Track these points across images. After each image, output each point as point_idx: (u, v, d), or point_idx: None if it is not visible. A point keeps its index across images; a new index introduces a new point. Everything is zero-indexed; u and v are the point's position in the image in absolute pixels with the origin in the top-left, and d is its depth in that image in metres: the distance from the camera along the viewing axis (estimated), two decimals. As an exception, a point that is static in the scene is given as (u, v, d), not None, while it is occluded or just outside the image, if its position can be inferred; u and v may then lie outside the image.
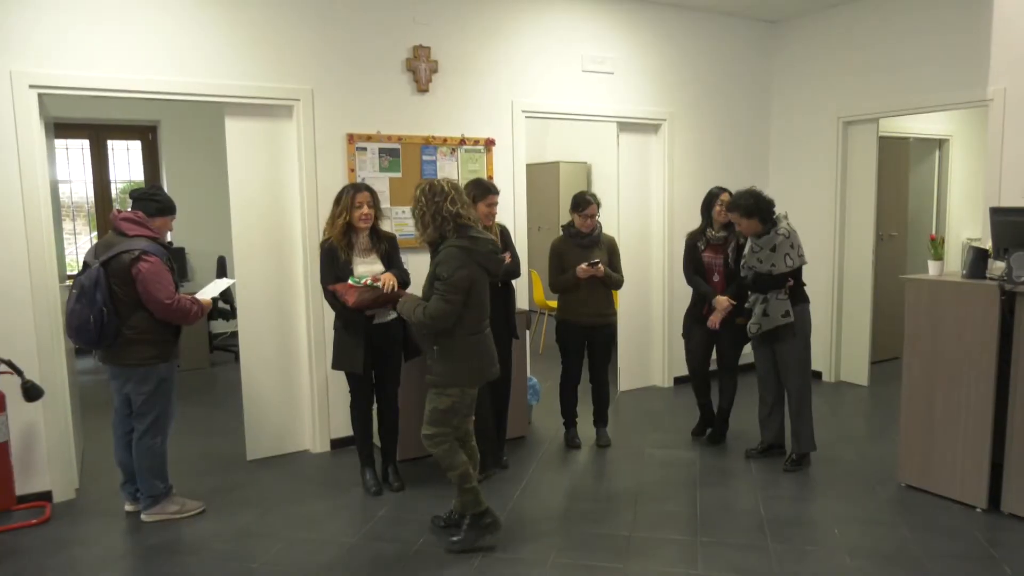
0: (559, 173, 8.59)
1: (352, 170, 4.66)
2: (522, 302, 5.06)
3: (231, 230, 4.45)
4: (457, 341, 3.28)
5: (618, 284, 4.62)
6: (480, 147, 5.10)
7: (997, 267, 3.68)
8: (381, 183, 4.71)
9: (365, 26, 4.68)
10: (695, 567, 3.23)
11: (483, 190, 4.08)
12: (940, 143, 7.57)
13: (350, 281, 3.75)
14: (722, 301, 4.45)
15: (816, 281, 6.10)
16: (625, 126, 5.88)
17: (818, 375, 6.35)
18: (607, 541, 3.49)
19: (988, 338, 3.61)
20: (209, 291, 3.92)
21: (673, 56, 5.99)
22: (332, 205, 3.91)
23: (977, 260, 3.75)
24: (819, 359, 6.31)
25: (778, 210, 4.32)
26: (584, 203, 4.47)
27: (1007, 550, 3.32)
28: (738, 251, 4.48)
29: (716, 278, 4.57)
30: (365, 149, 4.70)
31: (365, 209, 3.82)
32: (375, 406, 4.11)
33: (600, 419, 4.82)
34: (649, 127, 5.99)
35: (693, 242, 4.66)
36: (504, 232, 4.35)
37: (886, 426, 5.02)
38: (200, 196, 7.32)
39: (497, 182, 5.15)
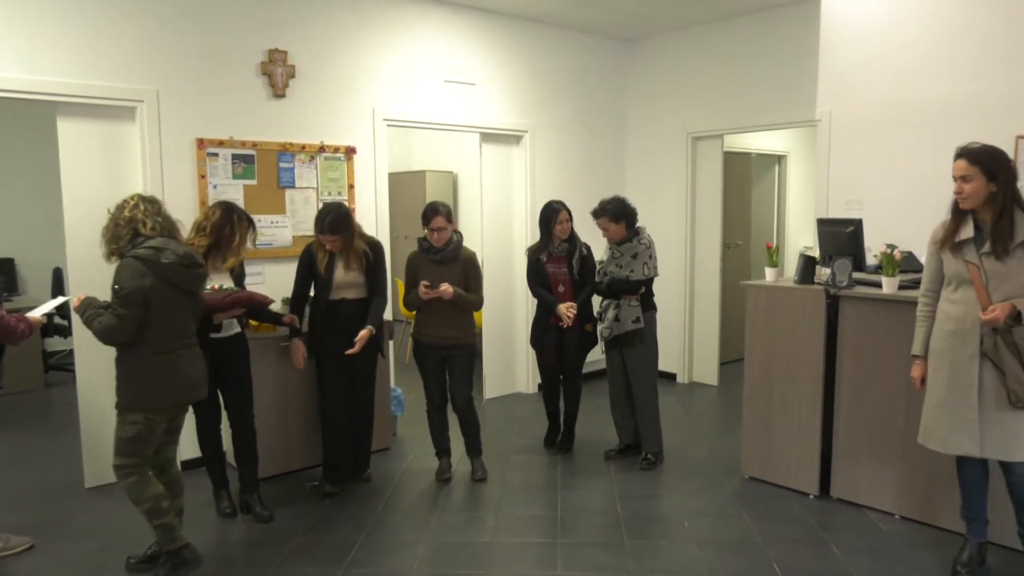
0: (425, 182, 8.58)
1: (203, 177, 4.44)
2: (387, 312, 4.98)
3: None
4: (139, 360, 3.02)
5: (474, 305, 4.23)
6: (340, 155, 5.01)
7: (824, 273, 4.02)
8: (235, 191, 4.53)
9: (216, 26, 4.48)
10: (555, 569, 3.30)
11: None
12: (779, 158, 8.19)
13: None
14: (562, 308, 4.53)
15: (669, 288, 6.44)
16: (487, 137, 5.96)
17: (672, 377, 6.69)
18: (469, 549, 3.50)
19: (816, 338, 3.93)
20: (42, 308, 3.62)
21: (534, 69, 6.14)
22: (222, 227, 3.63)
23: (806, 267, 4.08)
24: (673, 361, 6.65)
25: (641, 223, 4.55)
26: (430, 214, 4.13)
27: (835, 532, 3.62)
28: (582, 263, 4.60)
29: (561, 289, 4.61)
30: (217, 155, 4.50)
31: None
32: (229, 426, 3.91)
33: (471, 448, 4.42)
34: (511, 138, 6.11)
35: (535, 256, 4.68)
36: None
37: (733, 423, 5.34)
38: (32, 203, 6.74)
39: (359, 191, 5.12)
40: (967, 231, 2.99)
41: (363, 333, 3.95)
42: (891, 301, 3.69)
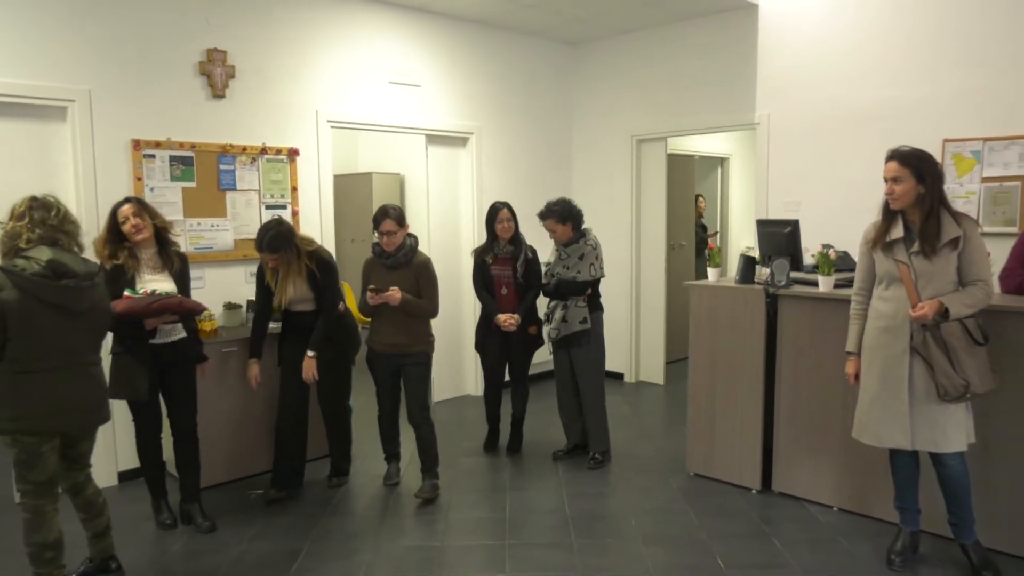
0: (372, 184, 8.50)
1: (139, 179, 4.32)
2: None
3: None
4: (2, 379, 2.76)
5: (425, 312, 4.08)
6: (283, 157, 4.93)
7: (763, 273, 4.12)
8: (173, 193, 4.42)
9: (151, 24, 4.37)
10: (503, 570, 3.31)
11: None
12: (722, 161, 8.37)
13: (127, 292, 3.44)
14: (501, 319, 4.55)
15: (616, 288, 6.51)
16: (433, 139, 5.94)
17: (620, 376, 6.76)
18: (418, 553, 3.48)
19: (757, 336, 4.02)
20: None
21: (480, 71, 6.15)
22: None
23: (747, 267, 4.17)
24: (620, 361, 6.72)
25: (588, 225, 4.60)
26: (380, 218, 3.99)
27: (776, 525, 3.71)
28: (527, 265, 4.62)
29: (504, 291, 4.62)
30: (154, 157, 4.38)
31: (132, 221, 3.48)
32: (171, 437, 3.80)
33: (424, 465, 4.16)
34: (457, 140, 6.10)
35: (481, 258, 4.68)
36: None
37: (679, 421, 5.43)
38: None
39: (302, 193, 5.04)
40: (897, 231, 3.09)
41: (305, 363, 3.99)
42: (827, 299, 3.80)
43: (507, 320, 4.53)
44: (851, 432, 3.63)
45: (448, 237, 6.10)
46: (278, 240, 3.83)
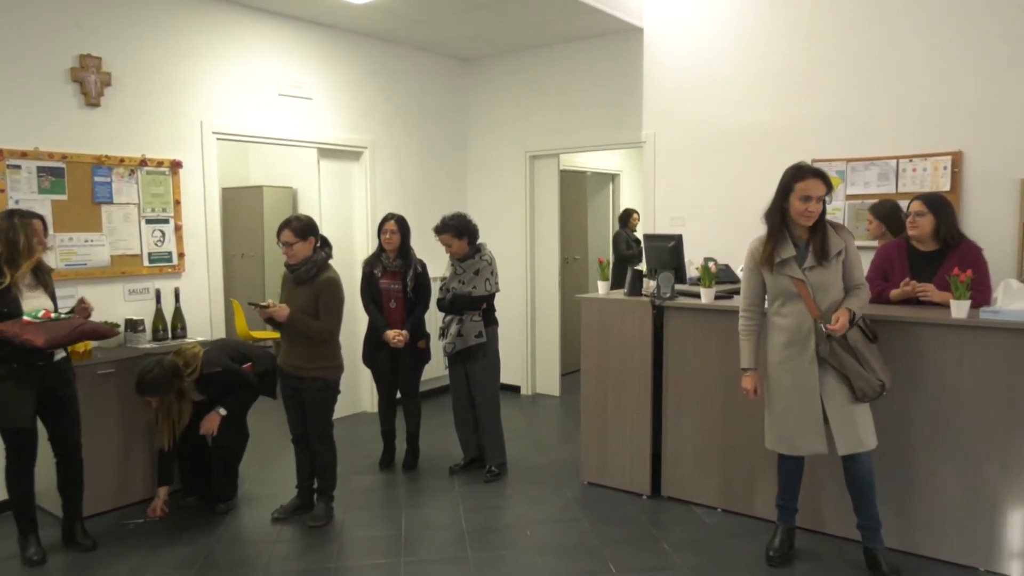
0: (263, 198, 8.26)
1: (2, 191, 4.04)
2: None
3: None
4: None
5: (315, 334, 3.82)
6: (164, 169, 4.73)
7: (650, 285, 4.28)
8: (41, 206, 4.15)
9: (17, 27, 4.11)
10: (398, 588, 3.27)
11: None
12: (613, 177, 8.63)
13: (26, 317, 3.23)
14: (391, 335, 4.55)
15: (511, 302, 6.59)
16: (326, 152, 5.85)
17: (516, 389, 6.84)
18: (310, 576, 3.40)
19: (645, 347, 4.17)
20: None
21: (373, 86, 6.11)
22: None
23: (634, 280, 4.33)
24: (517, 374, 6.80)
25: (483, 240, 4.64)
26: (280, 228, 3.83)
27: (665, 529, 3.84)
28: (416, 279, 4.63)
29: (393, 305, 4.61)
30: (19, 167, 4.11)
31: None
32: (54, 454, 3.59)
33: (319, 488, 4.04)
34: (351, 154, 6.03)
35: (370, 269, 4.65)
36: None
37: (573, 431, 5.53)
38: None
39: (186, 207, 4.86)
40: (788, 250, 3.19)
41: (210, 417, 3.99)
42: (709, 310, 3.98)
43: (396, 337, 4.52)
44: (734, 436, 3.83)
45: (342, 252, 5.95)
46: (156, 386, 3.81)
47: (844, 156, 4.97)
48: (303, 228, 3.83)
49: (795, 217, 3.18)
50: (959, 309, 3.28)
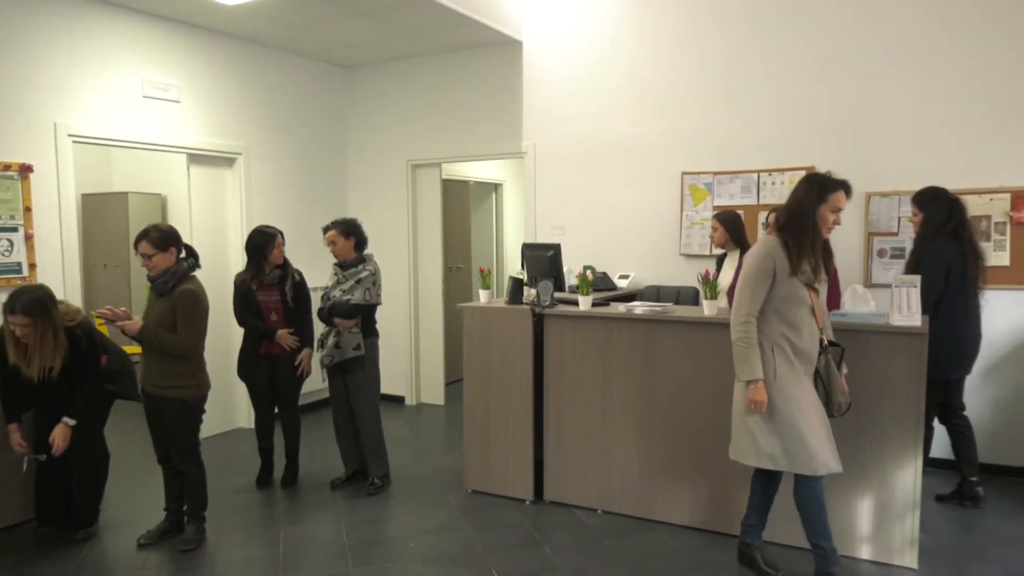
0: (128, 205, 7.81)
1: None
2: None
3: None
4: None
5: (170, 349, 3.56)
6: (13, 173, 4.38)
7: (531, 293, 4.36)
8: None
9: None
10: (275, 609, 3.16)
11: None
12: (496, 187, 8.71)
13: None
14: (282, 333, 4.46)
15: (395, 312, 6.54)
16: (196, 158, 5.60)
17: (400, 399, 6.77)
18: (179, 603, 3.23)
19: (526, 354, 4.23)
20: None
21: (247, 90, 5.91)
22: None
23: (515, 288, 4.39)
24: (400, 384, 6.74)
25: (368, 251, 4.58)
26: (137, 240, 3.61)
27: (547, 533, 3.91)
28: (296, 289, 4.52)
29: (275, 317, 4.48)
30: None
31: None
32: None
33: (188, 510, 3.83)
34: (223, 160, 5.80)
35: (246, 284, 4.48)
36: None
37: (457, 440, 5.54)
38: None
39: (38, 215, 4.53)
40: (805, 264, 3.07)
41: (58, 431, 3.63)
42: (588, 317, 4.09)
43: (285, 336, 4.43)
44: (613, 437, 3.94)
45: (214, 262, 5.73)
46: (32, 304, 3.46)
47: (711, 169, 5.25)
48: (162, 238, 3.62)
49: (821, 227, 3.06)
50: (812, 312, 3.52)
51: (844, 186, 3.06)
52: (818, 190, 3.05)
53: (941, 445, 4.29)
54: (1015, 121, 4.40)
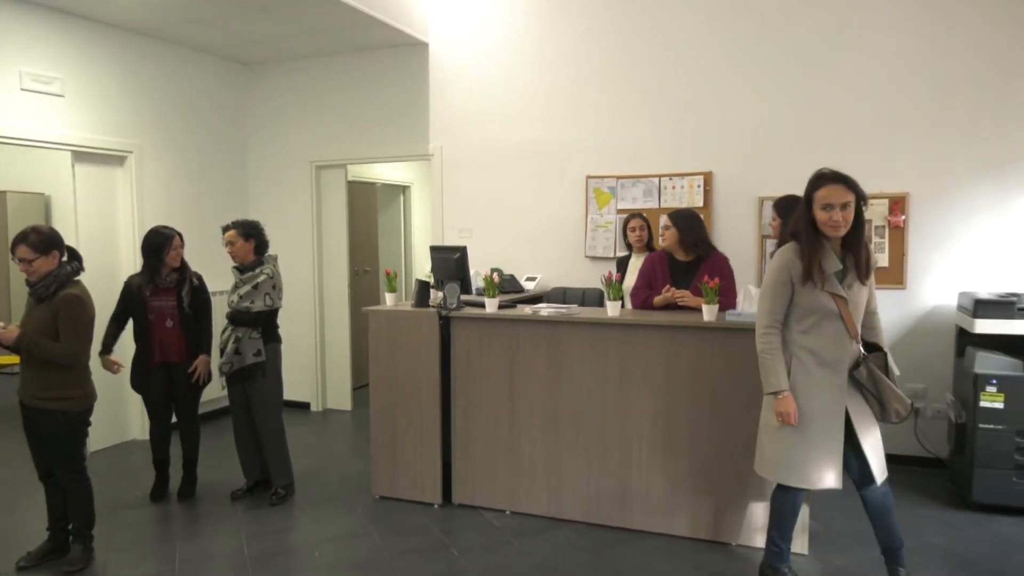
0: (7, 205, 7.32)
1: None
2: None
3: None
4: None
5: (53, 358, 3.35)
6: None
7: (437, 296, 4.34)
8: None
9: None
10: (170, 628, 3.02)
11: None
12: (404, 189, 8.63)
13: None
14: (202, 363, 4.33)
15: (299, 316, 6.38)
16: (82, 156, 5.29)
17: (306, 406, 6.61)
18: (64, 627, 3.04)
19: (432, 356, 4.21)
20: None
21: (139, 85, 5.64)
22: None
23: (421, 291, 4.36)
24: (305, 390, 6.58)
25: (269, 252, 4.46)
26: (14, 243, 3.38)
27: (455, 536, 3.90)
28: (193, 294, 4.36)
29: (170, 324, 4.29)
30: None
31: None
32: None
33: (74, 529, 3.61)
34: (113, 159, 5.51)
35: (138, 289, 4.25)
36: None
37: (365, 446, 5.45)
38: None
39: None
40: (834, 263, 2.89)
41: None
42: (494, 319, 4.11)
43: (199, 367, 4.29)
44: (520, 439, 3.97)
45: (103, 265, 5.45)
46: None
47: (615, 173, 5.38)
48: (43, 242, 3.39)
49: (822, 229, 2.87)
50: (709, 313, 3.66)
51: (837, 179, 2.84)
52: (806, 192, 2.92)
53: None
54: (894, 130, 4.70)
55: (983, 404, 3.98)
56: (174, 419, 4.48)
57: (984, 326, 4.00)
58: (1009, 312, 3.98)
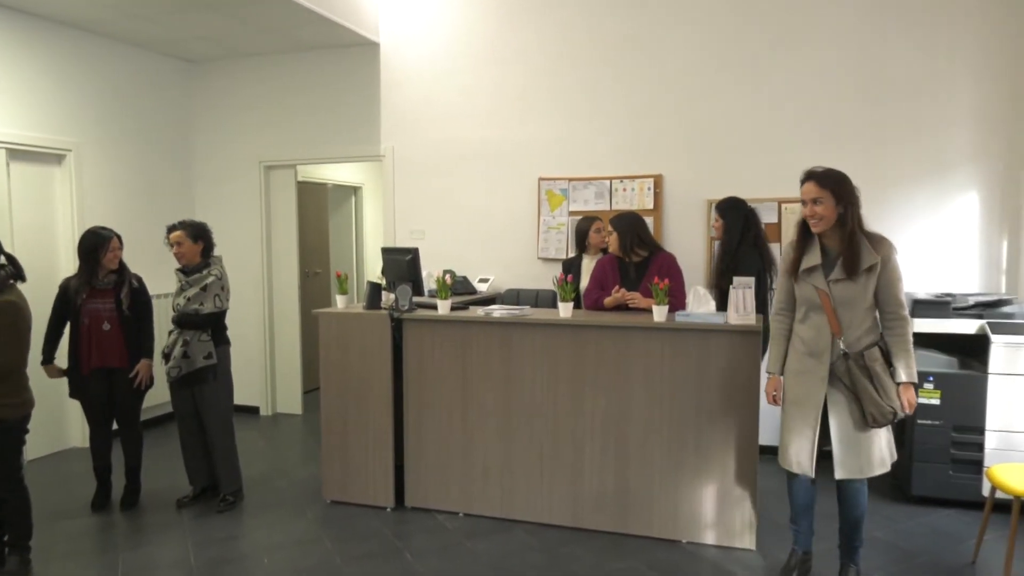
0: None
1: None
2: None
3: None
4: None
5: None
6: None
7: (389, 298, 4.31)
8: None
9: None
10: (112, 641, 2.94)
11: None
12: (355, 190, 8.54)
13: None
14: (144, 367, 4.22)
15: (248, 318, 6.27)
16: (17, 154, 5.10)
17: (255, 410, 6.49)
18: (-2, 644, 2.92)
19: (384, 359, 4.18)
20: None
21: (80, 82, 5.47)
22: None
23: (373, 293, 4.32)
24: (255, 394, 6.46)
25: (216, 253, 4.37)
26: None
27: (408, 539, 3.87)
28: (133, 296, 4.23)
29: (107, 327, 4.16)
30: None
31: None
32: None
33: (10, 540, 3.50)
34: (50, 157, 5.33)
35: (75, 292, 4.13)
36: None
37: (316, 450, 5.38)
38: None
39: None
40: (814, 257, 3.02)
41: None
42: (447, 321, 4.10)
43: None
44: (471, 440, 3.97)
45: (40, 268, 5.24)
46: None
47: (567, 175, 5.41)
48: None
49: (808, 222, 3.04)
50: (659, 314, 3.71)
51: (804, 176, 3.03)
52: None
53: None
54: (836, 135, 4.83)
55: (920, 400, 4.10)
56: (116, 426, 4.36)
57: (922, 325, 4.13)
58: (945, 312, 4.13)
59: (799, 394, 3.11)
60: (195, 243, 4.20)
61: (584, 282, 4.56)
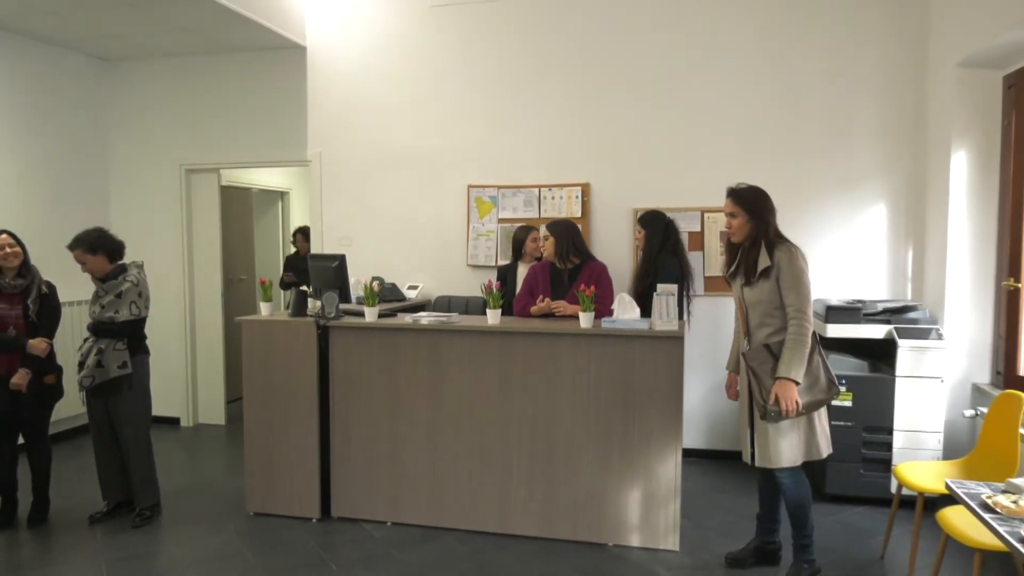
0: None
1: None
2: None
3: None
4: None
5: None
6: None
7: (315, 305, 4.24)
8: None
9: None
10: (17, 667, 2.79)
11: None
12: (282, 195, 8.39)
13: None
14: (34, 342, 3.99)
15: (168, 327, 6.07)
16: (-83, 153, 4.82)
17: (175, 421, 6.28)
18: None
19: (310, 367, 4.11)
20: None
21: (-16, 78, 5.20)
22: None
23: (299, 300, 4.25)
24: (176, 405, 6.26)
25: (134, 259, 4.23)
26: None
27: (334, 550, 3.81)
28: (41, 301, 4.06)
29: (13, 332, 4.00)
30: None
31: None
32: None
33: None
34: (-47, 157, 5.05)
35: None
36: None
37: (239, 462, 5.23)
38: None
39: None
40: (725, 266, 3.45)
41: None
42: (374, 328, 4.06)
43: (17, 380, 3.92)
44: (400, 449, 3.92)
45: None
46: None
47: (496, 183, 5.44)
48: None
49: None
50: (586, 320, 3.77)
51: (729, 192, 3.33)
52: None
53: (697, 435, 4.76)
54: (754, 148, 5.01)
55: (833, 403, 4.29)
56: (22, 440, 4.15)
57: (835, 330, 4.31)
58: (856, 317, 4.32)
59: (740, 390, 3.45)
60: (96, 255, 4.04)
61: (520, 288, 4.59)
